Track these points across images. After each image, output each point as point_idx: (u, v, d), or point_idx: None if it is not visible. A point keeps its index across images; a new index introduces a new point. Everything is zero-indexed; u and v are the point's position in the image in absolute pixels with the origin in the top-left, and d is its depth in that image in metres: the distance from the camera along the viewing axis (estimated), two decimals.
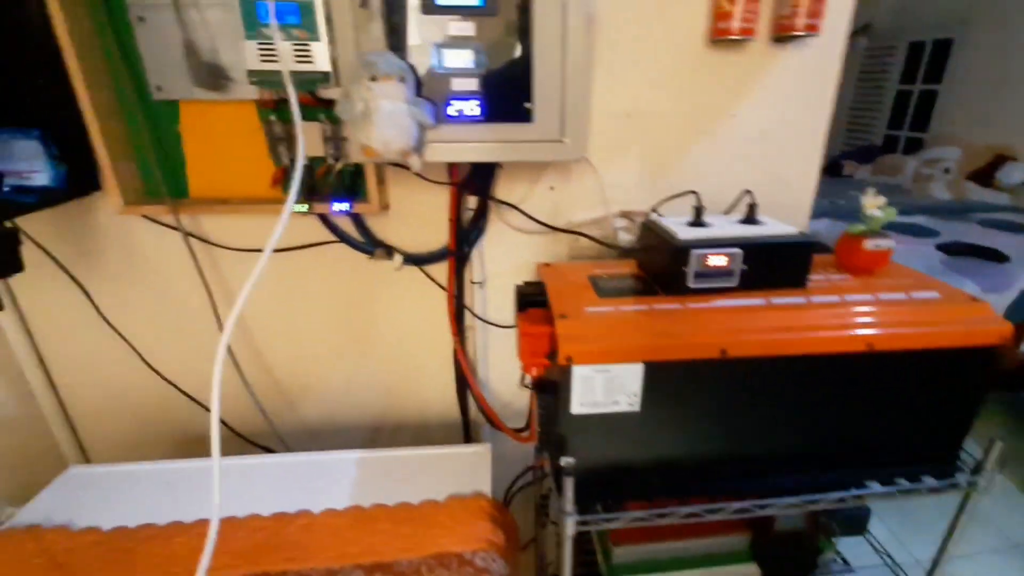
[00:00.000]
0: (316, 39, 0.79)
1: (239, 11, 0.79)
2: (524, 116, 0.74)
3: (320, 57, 0.80)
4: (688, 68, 0.92)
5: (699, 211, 0.74)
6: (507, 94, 0.73)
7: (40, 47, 0.78)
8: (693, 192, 0.77)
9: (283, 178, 0.93)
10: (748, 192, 0.76)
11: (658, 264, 0.74)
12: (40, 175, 0.77)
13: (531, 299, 0.77)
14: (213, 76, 0.82)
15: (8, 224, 0.71)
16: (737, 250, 0.68)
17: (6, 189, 0.72)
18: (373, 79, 0.64)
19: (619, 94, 0.91)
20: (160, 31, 0.81)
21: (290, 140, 0.89)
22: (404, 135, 0.67)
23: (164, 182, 0.91)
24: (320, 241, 1.01)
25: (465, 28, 0.69)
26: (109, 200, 0.88)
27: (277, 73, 0.80)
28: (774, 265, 0.70)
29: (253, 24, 0.77)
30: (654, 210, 0.93)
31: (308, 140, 0.88)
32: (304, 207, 0.91)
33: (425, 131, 0.72)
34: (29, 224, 0.93)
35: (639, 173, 0.99)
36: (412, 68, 0.69)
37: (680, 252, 0.67)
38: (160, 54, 0.82)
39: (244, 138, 0.91)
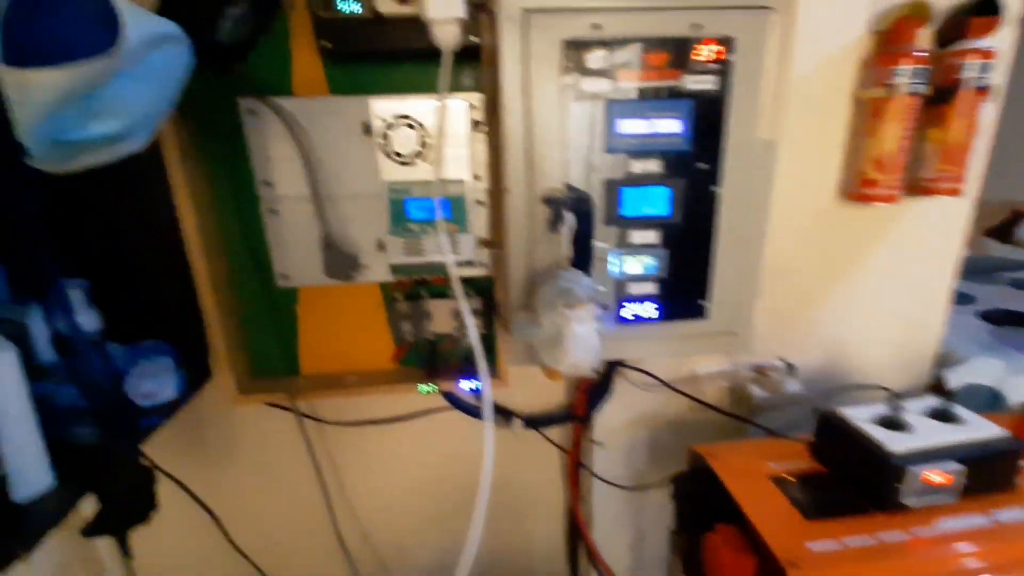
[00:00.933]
0: (465, 231, 0.74)
1: (380, 204, 0.74)
2: (698, 312, 0.70)
3: (467, 246, 0.75)
4: (818, 222, 0.90)
5: (896, 411, 0.70)
6: (683, 294, 0.69)
7: (168, 250, 0.72)
8: (884, 388, 0.73)
9: (405, 355, 0.87)
10: (945, 394, 0.71)
11: (859, 472, 0.69)
12: (167, 390, 0.69)
13: (693, 496, 0.71)
14: (346, 267, 0.77)
15: (144, 460, 0.64)
16: (959, 467, 0.63)
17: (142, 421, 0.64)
18: (568, 306, 0.59)
19: None
20: (291, 223, 0.76)
21: (415, 318, 0.83)
22: (592, 355, 0.62)
23: (276, 360, 0.84)
24: (433, 408, 0.94)
25: (648, 236, 0.65)
26: (220, 391, 0.81)
27: (422, 267, 0.75)
28: (989, 473, 0.65)
29: (400, 219, 0.73)
30: (787, 363, 0.89)
31: (437, 317, 0.83)
32: (430, 387, 0.85)
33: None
34: None
35: (768, 325, 0.95)
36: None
37: (895, 469, 0.62)
38: (289, 245, 0.77)
39: (363, 315, 0.85)
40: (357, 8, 0.65)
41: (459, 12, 0.61)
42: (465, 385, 0.86)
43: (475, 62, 0.68)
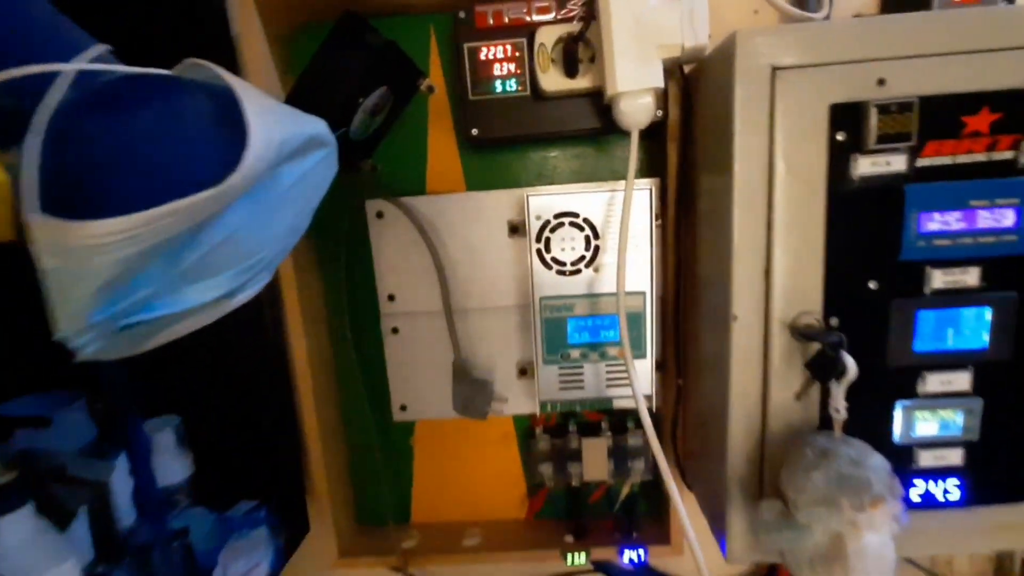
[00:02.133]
0: (641, 356, 0.55)
1: (523, 319, 0.58)
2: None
3: (642, 379, 0.56)
4: None
5: None
6: (1005, 465, 0.44)
7: (272, 380, 0.59)
8: None
9: (543, 505, 0.67)
10: None
11: None
12: (263, 565, 0.54)
13: None
14: (480, 401, 0.59)
15: None
16: None
17: None
18: (857, 507, 0.37)
19: None
20: (415, 344, 0.61)
21: (559, 459, 0.63)
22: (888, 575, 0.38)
23: (386, 505, 0.67)
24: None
25: (953, 380, 0.42)
26: (318, 550, 0.64)
27: (583, 403, 0.57)
28: None
29: (558, 345, 0.55)
30: None
31: (589, 459, 0.62)
32: (579, 557, 0.63)
33: None
34: None
35: None
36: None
37: None
38: (411, 370, 0.62)
39: (491, 451, 0.66)
40: (513, 87, 0.51)
41: (657, 81, 0.45)
42: (628, 555, 0.63)
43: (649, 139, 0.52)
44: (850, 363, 0.38)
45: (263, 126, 0.22)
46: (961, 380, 0.42)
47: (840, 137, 0.39)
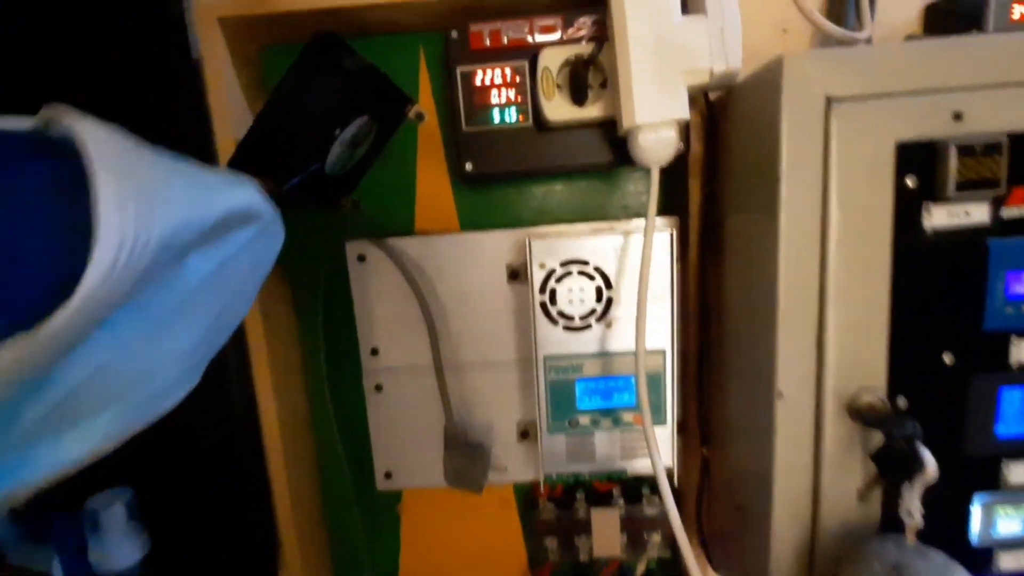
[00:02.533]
0: (661, 421, 0.48)
1: (525, 374, 0.51)
2: None
3: (662, 448, 0.48)
4: None
5: None
6: None
7: (239, 446, 0.51)
8: None
9: None
10: None
11: None
12: None
13: None
14: (475, 471, 0.52)
15: None
16: None
17: None
18: None
19: None
20: (401, 402, 0.54)
21: (565, 532, 0.56)
22: None
23: None
24: None
25: None
26: None
27: (588, 474, 0.50)
28: None
29: (565, 410, 0.48)
30: None
31: (600, 532, 0.55)
32: None
33: None
34: None
35: None
36: None
37: None
38: (397, 433, 0.54)
39: (489, 522, 0.59)
40: (513, 117, 0.45)
41: (681, 112, 0.39)
42: None
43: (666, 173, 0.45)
44: (928, 459, 0.31)
45: (126, 214, 0.15)
46: None
47: (910, 182, 0.32)
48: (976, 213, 0.32)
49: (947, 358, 0.34)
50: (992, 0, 0.45)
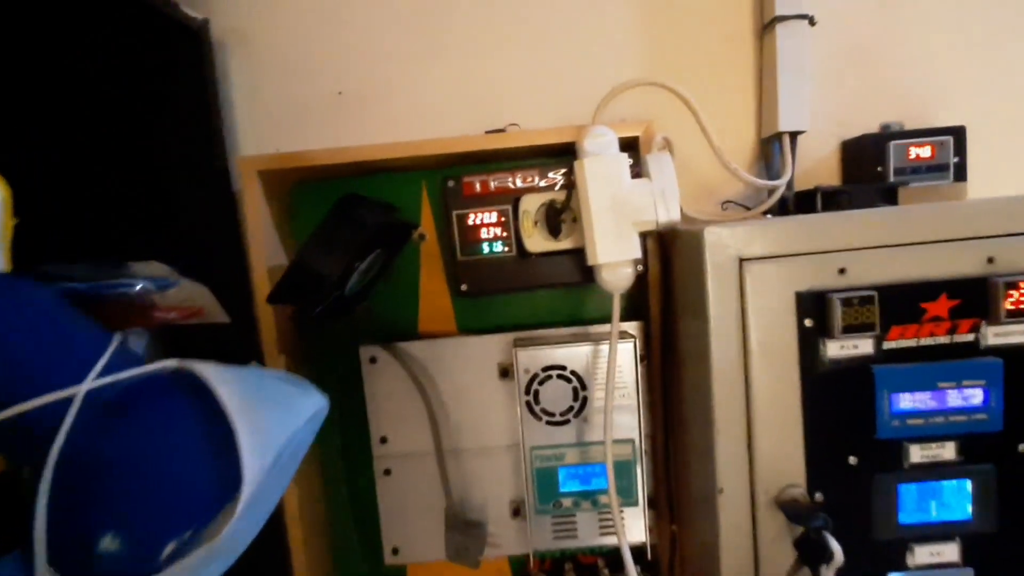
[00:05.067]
0: (632, 503, 0.55)
1: (515, 457, 0.58)
2: None
3: (634, 525, 0.55)
4: None
5: None
6: None
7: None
8: None
9: None
10: None
11: None
12: None
13: None
14: (472, 549, 0.58)
15: None
16: None
17: None
18: None
19: None
20: (407, 485, 0.61)
21: None
22: None
23: None
24: None
25: (942, 552, 0.42)
26: None
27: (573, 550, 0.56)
28: None
29: (550, 494, 0.55)
30: None
31: None
32: None
33: None
34: None
35: None
36: None
37: None
38: (404, 513, 0.61)
39: None
40: (500, 248, 0.54)
41: (635, 253, 0.48)
42: None
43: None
44: (836, 548, 0.38)
45: (260, 460, 0.23)
46: (950, 551, 0.43)
47: (808, 323, 0.41)
48: (863, 346, 0.41)
49: (852, 460, 0.42)
50: (890, 145, 0.56)
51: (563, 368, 0.54)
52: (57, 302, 0.25)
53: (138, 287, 0.48)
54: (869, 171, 0.56)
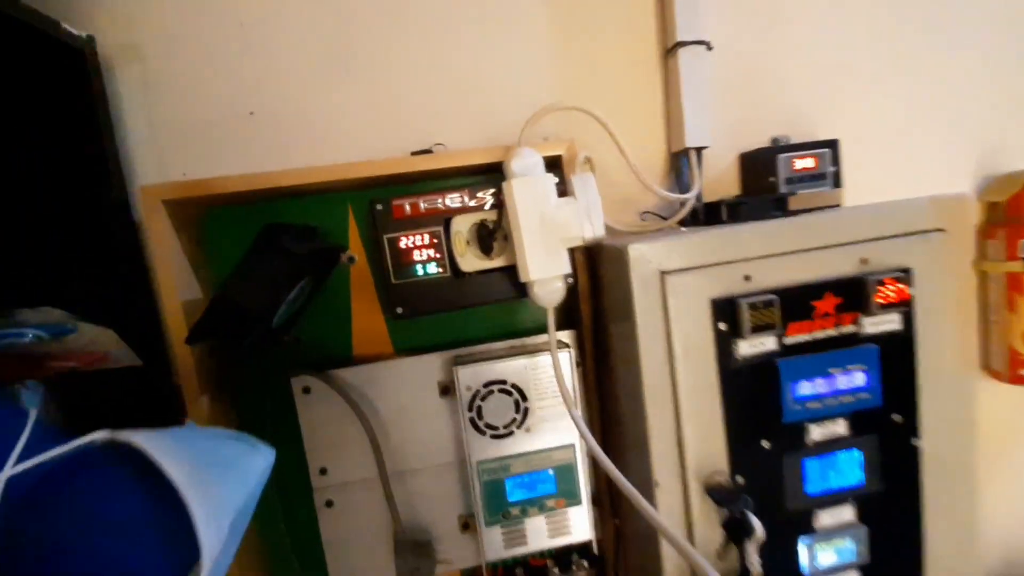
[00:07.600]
0: (577, 503, 0.58)
1: (461, 474, 0.59)
2: None
3: (579, 524, 0.58)
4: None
5: None
6: None
7: None
8: None
9: None
10: None
11: None
12: None
13: None
14: (424, 569, 0.58)
15: None
16: None
17: None
18: None
19: None
20: (351, 514, 0.59)
21: None
22: None
23: None
24: None
25: (841, 514, 0.49)
26: None
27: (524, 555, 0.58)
28: None
29: (498, 507, 0.56)
30: None
31: None
32: None
33: None
34: None
35: None
36: None
37: None
38: (349, 543, 0.60)
39: None
40: (434, 270, 0.55)
41: (564, 269, 0.50)
42: None
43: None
44: (758, 526, 0.43)
45: (214, 528, 0.22)
46: (847, 513, 0.49)
47: (722, 326, 0.45)
48: (768, 343, 0.46)
49: (765, 443, 0.47)
50: (779, 158, 0.63)
51: (503, 382, 0.56)
52: None
53: (29, 336, 0.43)
54: (763, 180, 0.62)
